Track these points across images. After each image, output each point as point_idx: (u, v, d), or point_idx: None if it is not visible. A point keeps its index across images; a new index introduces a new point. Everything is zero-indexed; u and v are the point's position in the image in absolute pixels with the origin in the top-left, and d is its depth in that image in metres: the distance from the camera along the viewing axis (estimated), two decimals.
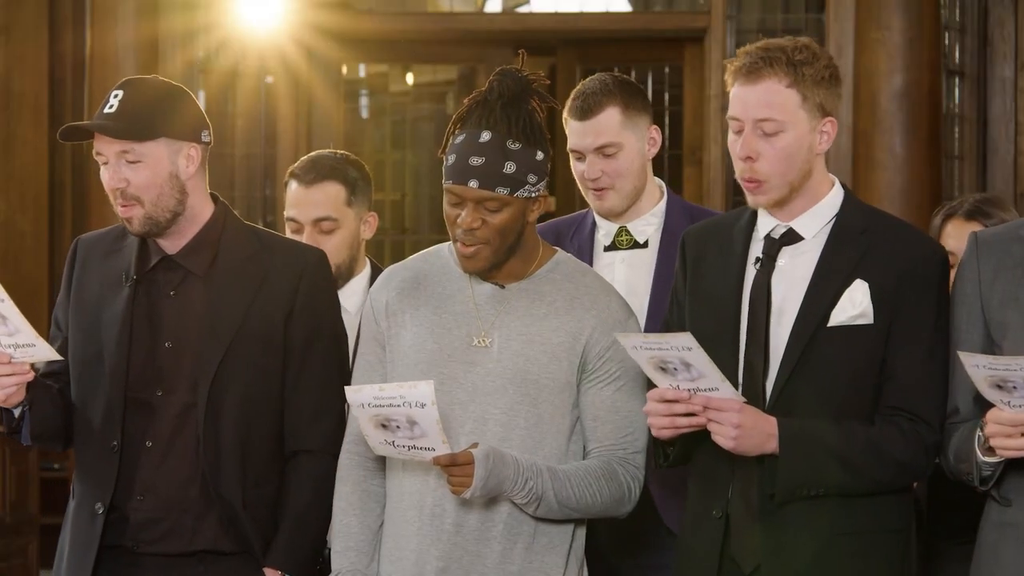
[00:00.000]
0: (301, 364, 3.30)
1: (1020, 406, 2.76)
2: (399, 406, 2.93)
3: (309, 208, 3.81)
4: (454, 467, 2.95)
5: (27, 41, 8.05)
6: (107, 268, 3.34)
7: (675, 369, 2.90)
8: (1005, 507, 2.93)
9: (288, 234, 3.85)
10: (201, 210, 3.32)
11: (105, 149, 3.25)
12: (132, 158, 3.23)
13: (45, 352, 3.15)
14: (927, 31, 7.03)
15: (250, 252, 3.33)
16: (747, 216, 3.15)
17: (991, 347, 2.93)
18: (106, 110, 3.25)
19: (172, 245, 3.31)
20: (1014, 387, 2.74)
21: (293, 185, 3.86)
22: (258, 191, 8.46)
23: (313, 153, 3.98)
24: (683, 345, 2.86)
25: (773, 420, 2.96)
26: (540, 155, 3.09)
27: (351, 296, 3.85)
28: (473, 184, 3.05)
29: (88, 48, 7.72)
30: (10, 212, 8.06)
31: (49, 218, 8.17)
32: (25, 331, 3.11)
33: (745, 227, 3.14)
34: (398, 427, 2.96)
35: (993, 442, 2.82)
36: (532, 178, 3.07)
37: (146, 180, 3.23)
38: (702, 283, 3.14)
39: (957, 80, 8.01)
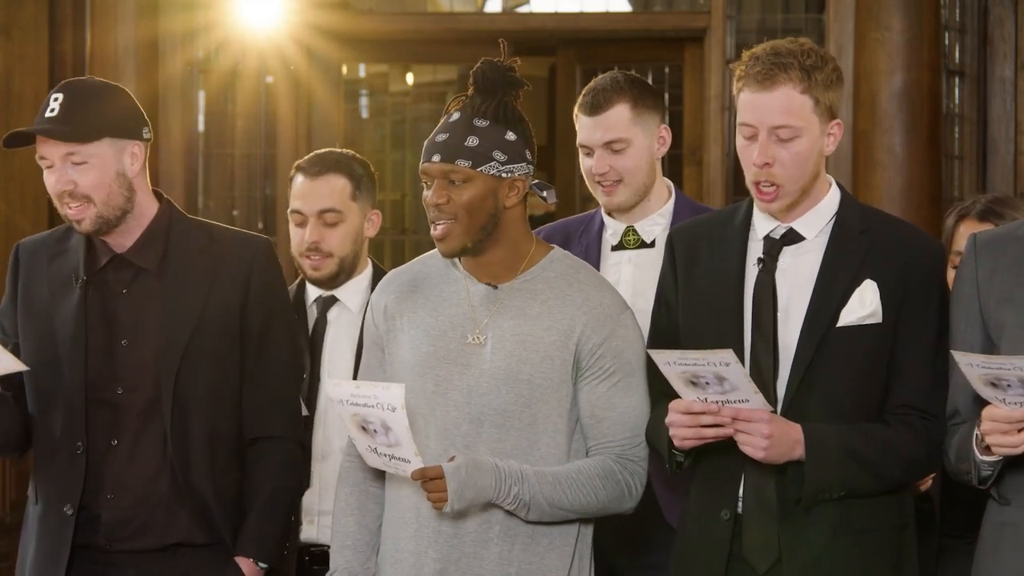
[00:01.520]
0: (259, 352, 3.34)
1: (1015, 403, 2.76)
2: (373, 407, 2.93)
3: (314, 199, 3.83)
4: (428, 482, 2.96)
5: (27, 41, 8.04)
6: (54, 271, 3.35)
7: (707, 383, 2.89)
8: (1004, 506, 2.93)
9: (292, 227, 3.88)
10: (147, 207, 3.35)
11: (49, 153, 3.25)
12: (78, 159, 3.24)
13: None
14: (927, 31, 7.01)
15: (200, 245, 3.36)
16: (741, 216, 3.14)
17: (990, 347, 2.94)
18: (47, 114, 3.25)
19: (120, 243, 3.32)
20: (1008, 385, 2.74)
21: (299, 178, 3.88)
22: (258, 191, 8.43)
23: (319, 150, 4.01)
24: (722, 361, 2.85)
25: (798, 427, 2.96)
26: (511, 135, 3.08)
27: (353, 295, 3.86)
28: (436, 159, 3.07)
29: (88, 48, 7.71)
30: (10, 212, 8.05)
31: (49, 218, 8.16)
32: None
33: (740, 227, 3.13)
34: (375, 431, 2.96)
35: (989, 439, 2.82)
36: (499, 155, 3.06)
37: (94, 180, 3.24)
38: (697, 284, 3.13)
39: (957, 80, 8.01)
